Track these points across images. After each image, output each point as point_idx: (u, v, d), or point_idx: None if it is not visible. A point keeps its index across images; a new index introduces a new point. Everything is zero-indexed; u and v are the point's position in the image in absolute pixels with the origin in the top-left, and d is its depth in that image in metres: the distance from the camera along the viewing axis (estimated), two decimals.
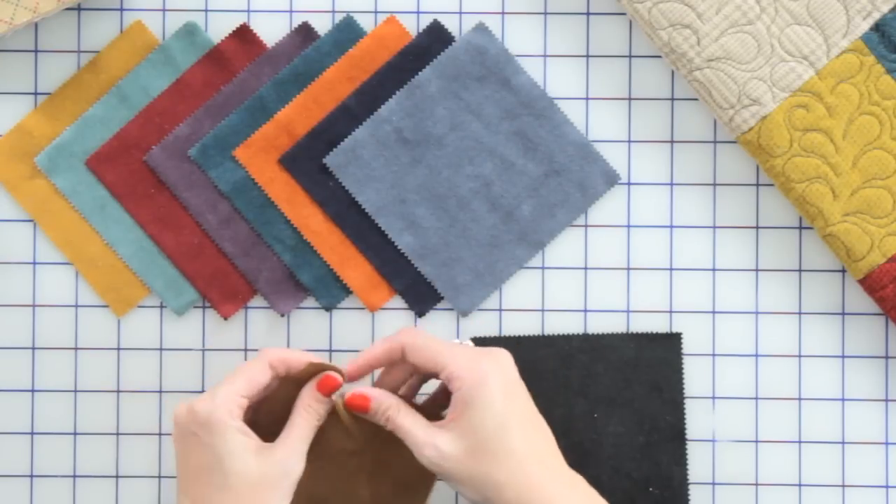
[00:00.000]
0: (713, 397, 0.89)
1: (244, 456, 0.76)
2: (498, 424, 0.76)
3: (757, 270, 0.89)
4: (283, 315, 0.89)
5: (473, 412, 0.76)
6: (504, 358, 0.79)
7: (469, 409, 0.76)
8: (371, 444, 0.81)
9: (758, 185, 0.89)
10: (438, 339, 0.79)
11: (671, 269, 0.89)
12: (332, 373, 0.79)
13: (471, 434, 0.76)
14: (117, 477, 0.89)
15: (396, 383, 0.82)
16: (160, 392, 0.89)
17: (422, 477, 0.82)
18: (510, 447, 0.76)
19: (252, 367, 0.79)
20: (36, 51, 0.89)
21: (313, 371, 0.79)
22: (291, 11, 0.89)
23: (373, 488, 0.82)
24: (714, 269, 0.89)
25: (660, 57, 0.89)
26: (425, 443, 0.76)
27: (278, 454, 0.77)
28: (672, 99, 0.89)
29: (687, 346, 0.89)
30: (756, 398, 0.89)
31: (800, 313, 0.89)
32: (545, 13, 0.89)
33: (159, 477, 0.89)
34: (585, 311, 0.89)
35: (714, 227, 0.89)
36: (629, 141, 0.89)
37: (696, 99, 0.89)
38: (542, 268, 0.89)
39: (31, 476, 0.89)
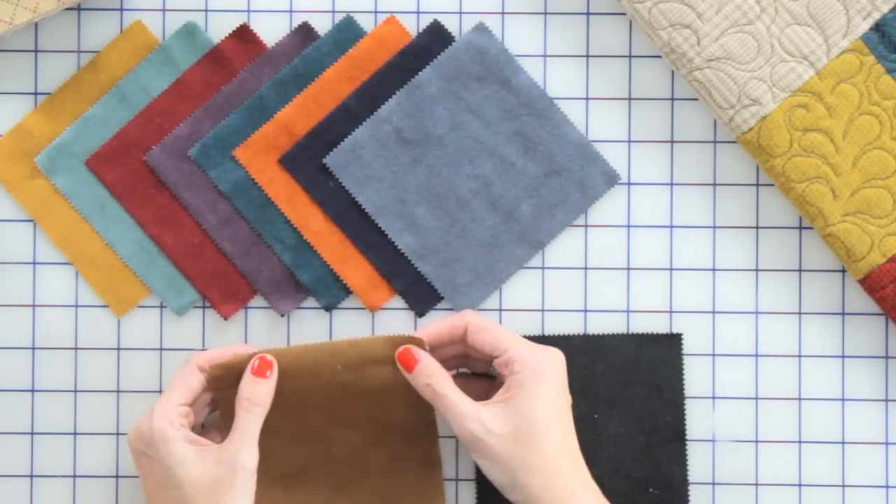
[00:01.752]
0: (713, 397, 0.89)
1: (193, 463, 0.78)
2: (546, 415, 0.79)
3: (757, 270, 0.89)
4: (283, 315, 0.89)
5: (526, 398, 0.79)
6: (560, 357, 0.82)
7: (523, 394, 0.79)
8: (338, 397, 0.83)
9: (758, 185, 0.89)
10: (500, 324, 0.85)
11: (671, 269, 0.89)
12: (262, 356, 0.82)
13: (519, 417, 0.79)
14: (117, 477, 0.89)
15: (442, 361, 0.83)
16: (160, 392, 0.89)
17: (420, 427, 0.85)
18: (552, 438, 0.79)
19: (182, 374, 0.82)
20: (36, 51, 0.89)
21: (244, 364, 0.82)
22: (291, 11, 0.89)
23: (364, 437, 0.85)
24: (714, 269, 0.89)
25: (660, 57, 0.89)
26: (471, 416, 0.79)
27: (224, 453, 0.79)
28: (672, 99, 0.89)
29: (687, 346, 0.89)
30: (756, 398, 0.89)
31: (800, 313, 0.89)
32: (545, 13, 0.89)
33: None
34: (585, 311, 0.89)
35: (714, 227, 0.89)
36: (629, 141, 0.89)
37: (696, 99, 0.89)
38: (542, 268, 0.89)
39: (31, 476, 0.89)
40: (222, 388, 0.83)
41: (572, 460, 0.80)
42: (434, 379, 0.80)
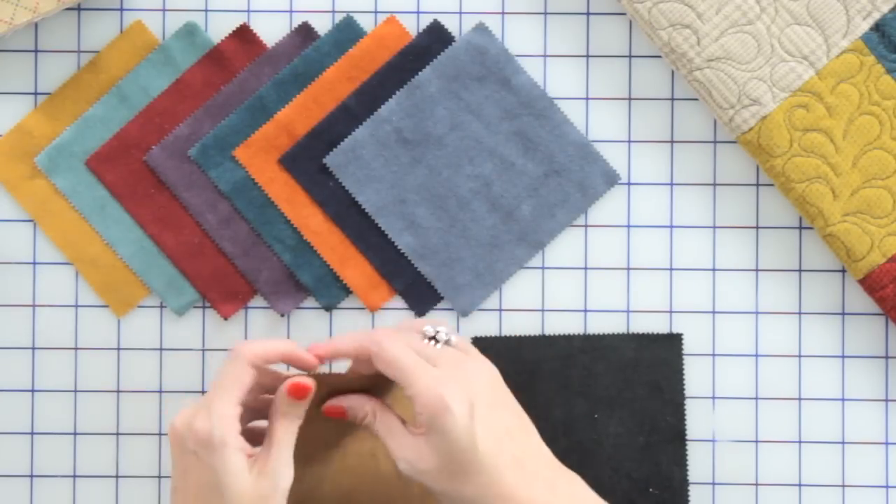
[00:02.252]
0: (713, 397, 0.89)
1: (242, 475, 0.76)
2: (464, 445, 0.75)
3: (757, 270, 0.89)
4: (283, 315, 0.89)
5: (436, 437, 0.75)
6: (476, 375, 0.77)
7: (432, 434, 0.75)
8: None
9: (758, 185, 0.89)
10: (407, 351, 0.76)
11: (671, 269, 0.89)
12: (298, 380, 0.77)
13: (438, 455, 0.75)
14: (117, 477, 0.89)
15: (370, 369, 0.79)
16: (160, 392, 0.89)
17: None
18: (480, 464, 0.75)
19: (236, 372, 0.77)
20: (36, 51, 0.89)
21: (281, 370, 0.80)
22: (291, 11, 0.89)
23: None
24: (714, 269, 0.89)
25: (660, 57, 0.89)
26: (399, 456, 0.76)
27: (269, 467, 0.76)
28: (672, 99, 0.89)
29: (687, 346, 0.89)
30: (756, 398, 0.89)
31: (800, 313, 0.89)
32: (545, 13, 0.89)
33: (159, 477, 0.89)
34: (585, 311, 0.89)
35: (714, 227, 0.89)
36: (629, 141, 0.89)
37: (696, 99, 0.89)
38: (542, 268, 0.89)
39: (31, 476, 0.89)
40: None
41: (520, 472, 0.76)
42: (368, 419, 0.78)
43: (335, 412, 0.79)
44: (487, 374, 0.78)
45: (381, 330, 0.79)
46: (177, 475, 0.78)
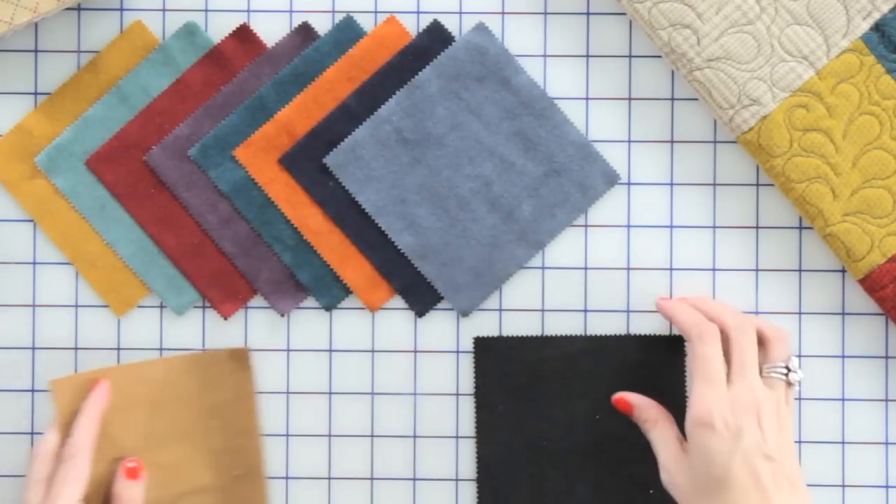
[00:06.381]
0: None
1: None
2: (719, 468, 0.76)
3: (757, 270, 0.89)
4: (283, 315, 0.89)
5: (694, 451, 0.78)
6: (767, 403, 0.77)
7: (692, 446, 0.78)
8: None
9: (758, 185, 0.89)
10: (720, 359, 0.79)
11: (671, 269, 0.89)
12: (128, 466, 0.84)
13: (692, 471, 0.78)
14: None
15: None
16: None
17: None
18: (730, 493, 0.75)
19: (64, 473, 0.81)
20: (36, 51, 0.89)
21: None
22: (291, 11, 0.89)
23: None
24: (714, 269, 0.89)
25: (660, 57, 0.89)
26: (662, 466, 0.80)
27: None
28: (672, 99, 0.89)
29: None
30: None
31: (800, 313, 0.89)
32: (545, 13, 0.89)
33: None
34: (585, 311, 0.89)
35: (714, 227, 0.89)
36: (629, 141, 0.89)
37: (696, 99, 0.89)
38: (542, 268, 0.89)
39: None
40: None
41: (763, 496, 0.75)
42: (648, 425, 0.82)
43: (623, 405, 0.83)
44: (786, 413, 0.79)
45: (729, 314, 0.81)
46: None
